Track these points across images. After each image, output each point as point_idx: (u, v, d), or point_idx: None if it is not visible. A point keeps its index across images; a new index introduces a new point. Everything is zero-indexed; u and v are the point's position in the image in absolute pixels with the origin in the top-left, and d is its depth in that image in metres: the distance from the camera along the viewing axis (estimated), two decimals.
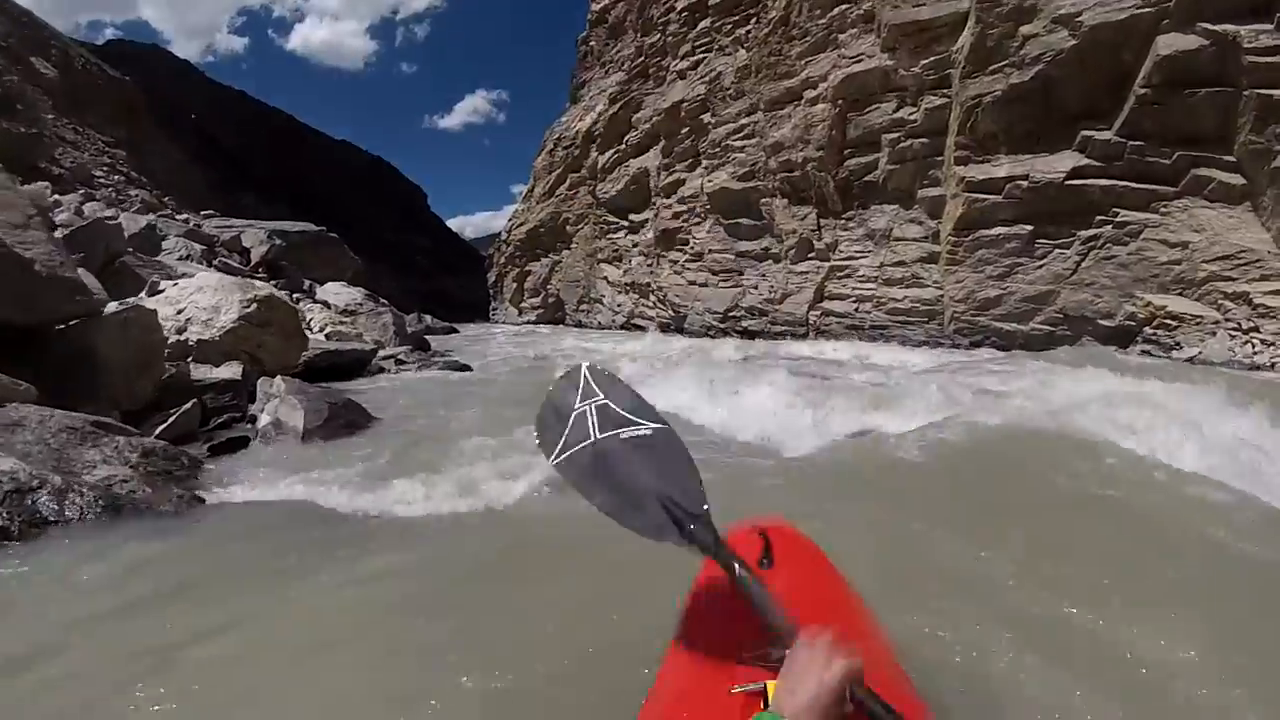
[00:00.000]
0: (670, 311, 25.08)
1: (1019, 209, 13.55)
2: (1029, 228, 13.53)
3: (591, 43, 43.10)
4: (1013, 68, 13.50)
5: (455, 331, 31.98)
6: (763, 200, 20.81)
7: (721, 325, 21.83)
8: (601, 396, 1.70)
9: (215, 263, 16.53)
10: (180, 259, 14.43)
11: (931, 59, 15.63)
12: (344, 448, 5.32)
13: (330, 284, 19.03)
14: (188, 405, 5.45)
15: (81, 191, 23.73)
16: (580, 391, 1.73)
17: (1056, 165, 13.06)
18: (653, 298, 26.83)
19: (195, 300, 7.70)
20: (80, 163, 28.43)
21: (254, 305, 7.86)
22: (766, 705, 1.02)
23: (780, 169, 19.69)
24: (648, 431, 1.61)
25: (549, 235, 39.63)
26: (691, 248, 24.10)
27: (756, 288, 20.81)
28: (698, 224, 23.97)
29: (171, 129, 75.66)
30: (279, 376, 6.27)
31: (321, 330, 12.83)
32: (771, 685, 1.07)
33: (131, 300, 7.55)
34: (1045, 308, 13.51)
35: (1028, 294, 13.69)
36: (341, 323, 13.58)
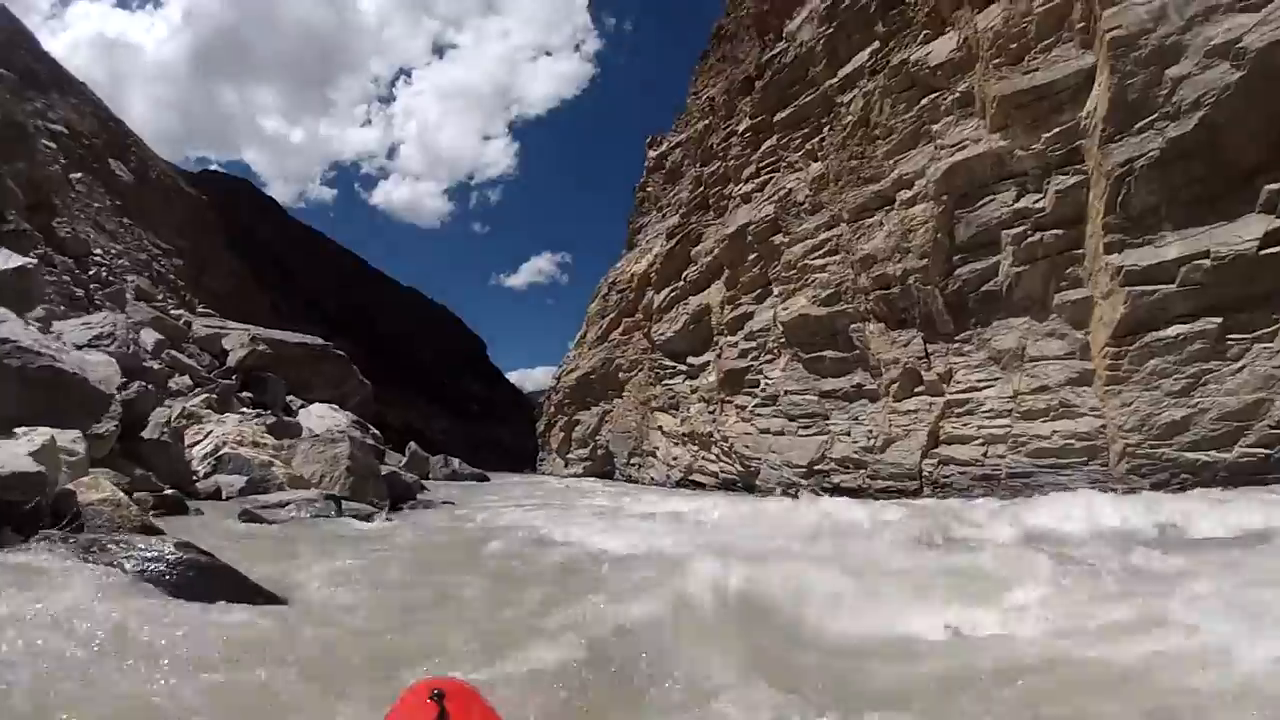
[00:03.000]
0: (738, 465, 20.92)
1: (1200, 298, 10.64)
2: (1217, 321, 10.52)
3: (649, 188, 42.77)
4: (1166, 120, 10.81)
5: (485, 480, 30.76)
6: (852, 327, 17.51)
7: (805, 481, 17.46)
8: None
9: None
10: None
11: (1055, 130, 12.80)
12: None
13: (318, 406, 15.90)
14: None
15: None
16: None
17: (1241, 233, 10.29)
18: (715, 449, 22.82)
19: None
20: (86, 236, 26.53)
21: None
22: None
23: (874, 286, 16.52)
24: None
25: (600, 383, 37.15)
26: (763, 390, 20.40)
27: (849, 434, 16.75)
28: (770, 361, 20.30)
29: (242, 254, 77.02)
30: None
31: (210, 455, 10.20)
32: None
33: None
34: (1255, 423, 10.17)
35: (1227, 409, 10.39)
36: (260, 446, 10.74)
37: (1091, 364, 12.25)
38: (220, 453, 10.24)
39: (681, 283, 27.97)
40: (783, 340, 19.67)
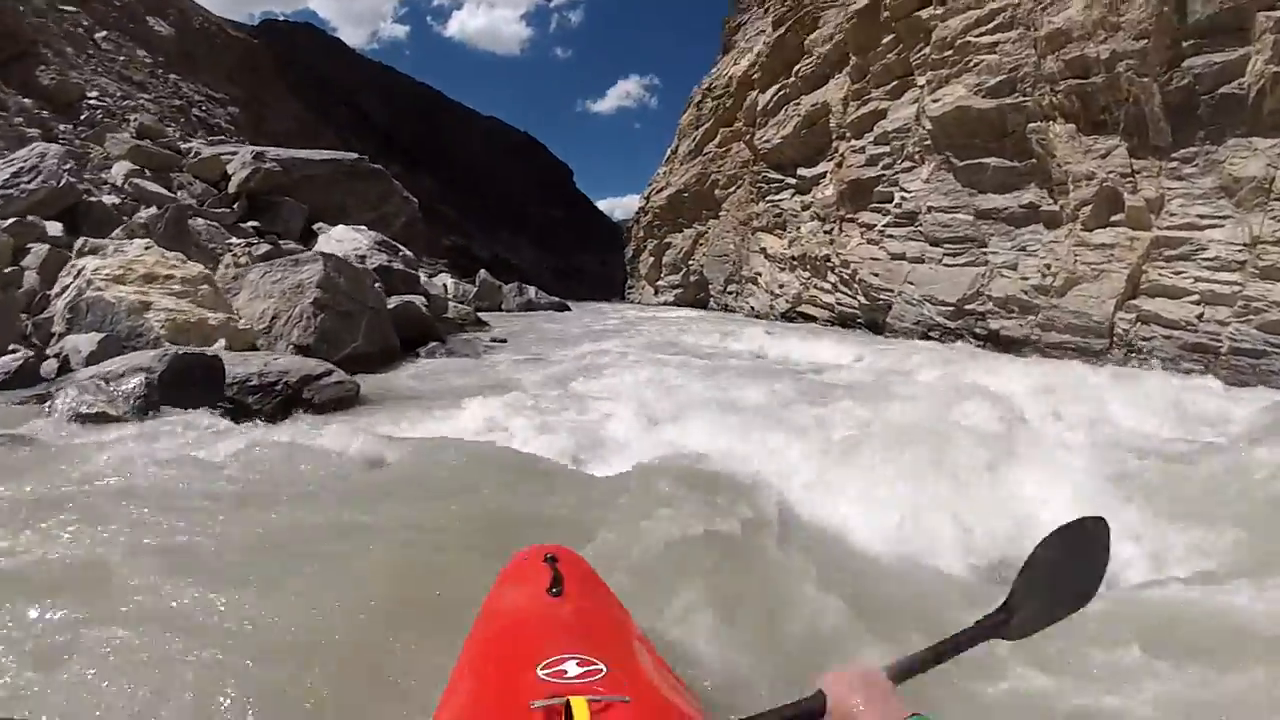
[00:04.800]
0: (861, 298, 17.54)
1: None
2: None
3: None
4: None
5: (566, 309, 28.96)
6: (1030, 127, 13.50)
7: (952, 324, 13.96)
8: None
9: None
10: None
11: None
12: None
13: (340, 228, 13.48)
14: None
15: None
16: None
17: None
18: (833, 276, 19.43)
19: None
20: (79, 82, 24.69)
21: None
22: None
23: (1065, 73, 12.54)
24: None
25: (693, 201, 33.70)
26: (898, 205, 16.67)
27: (1015, 268, 13.19)
28: (909, 170, 16.43)
29: (309, 98, 73.66)
30: None
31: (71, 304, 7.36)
32: (575, 702, 1.08)
33: None
34: None
35: None
36: (158, 280, 7.79)
37: None
38: (82, 298, 7.25)
39: (792, 79, 23.79)
40: (928, 143, 15.79)
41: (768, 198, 25.41)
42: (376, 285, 10.90)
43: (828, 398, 7.21)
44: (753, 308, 25.81)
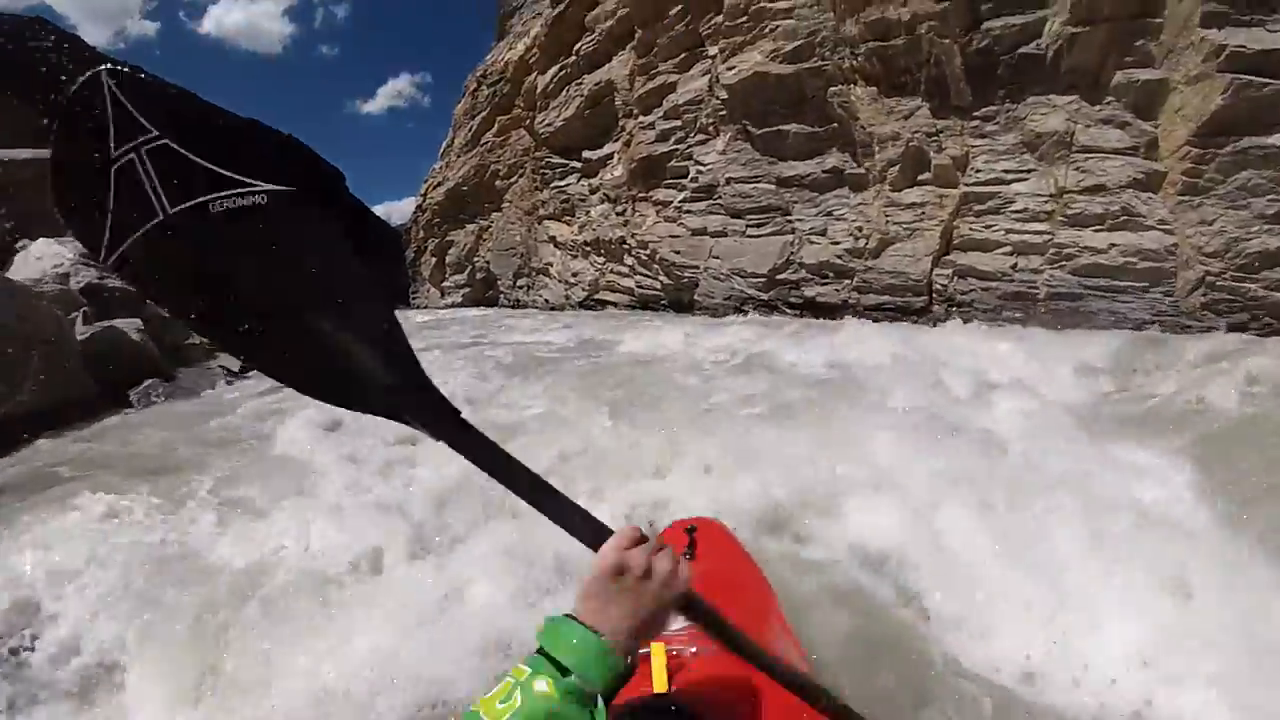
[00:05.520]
0: (663, 278, 16.52)
1: None
2: None
3: None
4: None
5: None
6: (831, 91, 13.26)
7: (765, 296, 13.36)
8: (156, 132, 0.92)
9: None
10: None
11: None
12: None
13: (41, 243, 10.55)
14: None
15: None
16: (113, 121, 0.92)
17: None
18: (630, 259, 18.37)
19: None
20: None
21: None
22: None
23: (865, 36, 12.42)
24: (261, 199, 0.93)
25: (474, 194, 32.13)
26: (694, 180, 15.73)
27: (824, 233, 12.66)
28: (703, 142, 15.71)
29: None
30: None
31: None
32: (655, 648, 1.17)
33: None
34: None
35: None
36: None
37: (1160, 165, 9.46)
38: None
39: (573, 58, 22.69)
40: (723, 113, 15.21)
41: (552, 184, 24.16)
42: (73, 315, 8.15)
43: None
44: (547, 300, 24.44)
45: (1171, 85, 9.28)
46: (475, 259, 32.30)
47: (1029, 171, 10.70)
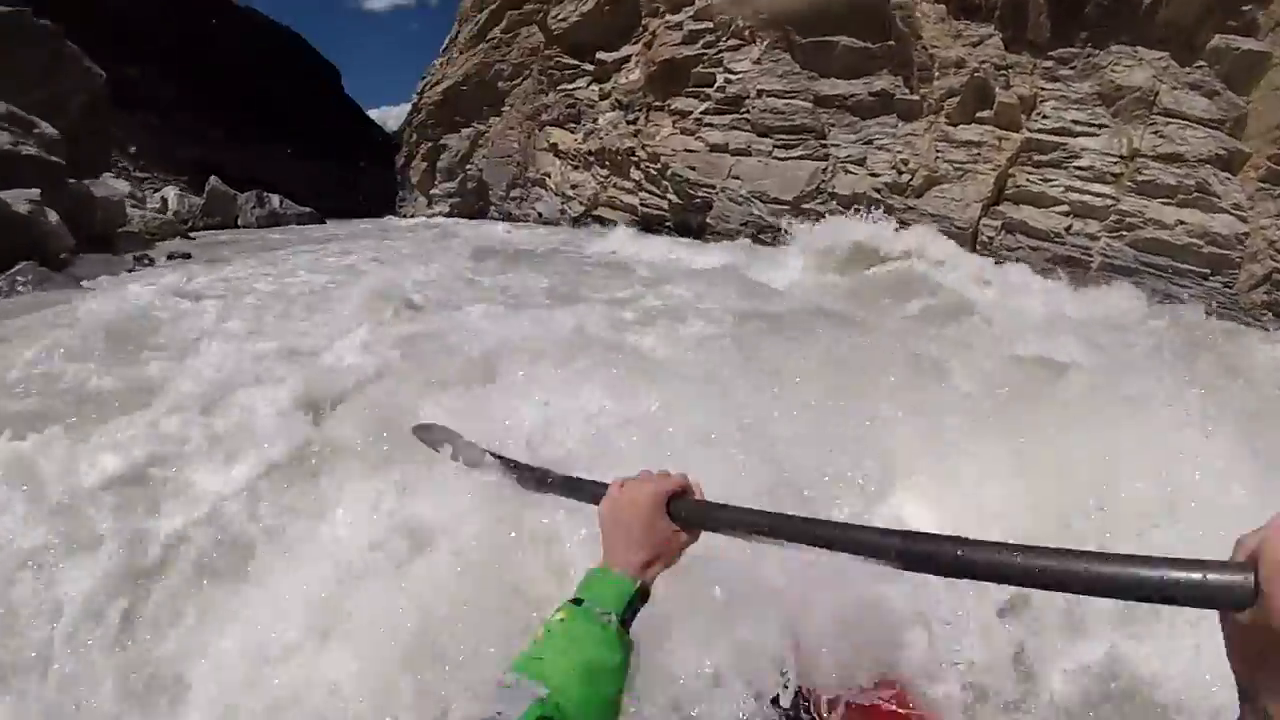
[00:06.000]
0: (672, 196, 14.81)
1: None
2: None
3: None
4: None
5: (321, 222, 28.16)
6: (895, 3, 11.62)
7: (786, 225, 11.86)
8: None
9: None
10: None
11: None
12: None
13: None
14: None
15: None
16: None
17: None
18: (637, 173, 16.58)
19: None
20: None
21: None
22: None
23: None
24: None
25: (474, 95, 29.89)
26: (720, 90, 13.92)
27: (862, 162, 11.11)
28: (736, 48, 13.89)
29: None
30: None
31: None
32: None
33: None
34: None
35: None
36: None
37: (1246, 145, 8.61)
38: None
39: None
40: (764, 16, 13.39)
41: (560, 87, 22.26)
42: None
43: None
44: (540, 214, 22.79)
45: (1274, 60, 8.45)
46: (468, 166, 30.28)
47: (1101, 126, 9.62)
